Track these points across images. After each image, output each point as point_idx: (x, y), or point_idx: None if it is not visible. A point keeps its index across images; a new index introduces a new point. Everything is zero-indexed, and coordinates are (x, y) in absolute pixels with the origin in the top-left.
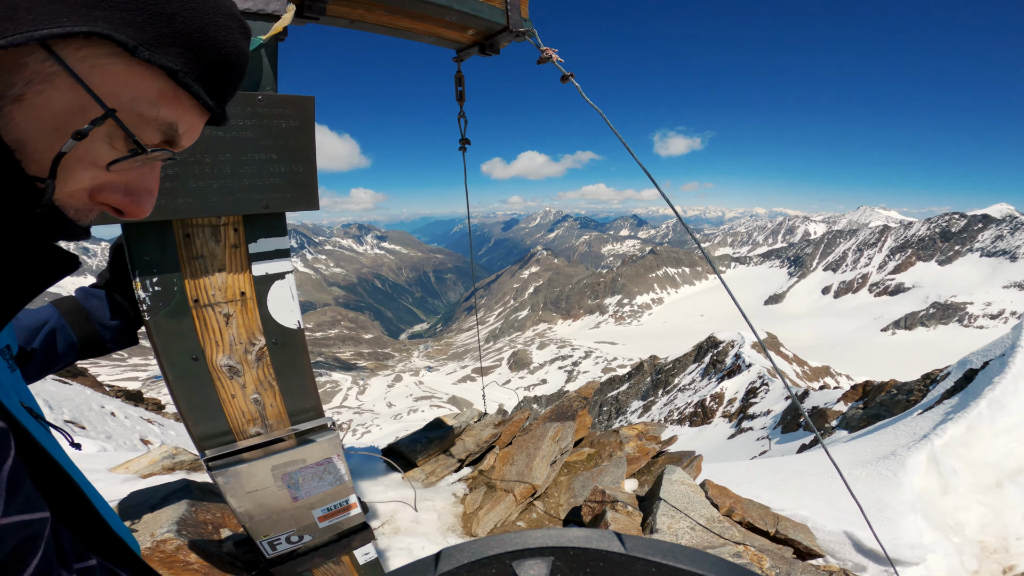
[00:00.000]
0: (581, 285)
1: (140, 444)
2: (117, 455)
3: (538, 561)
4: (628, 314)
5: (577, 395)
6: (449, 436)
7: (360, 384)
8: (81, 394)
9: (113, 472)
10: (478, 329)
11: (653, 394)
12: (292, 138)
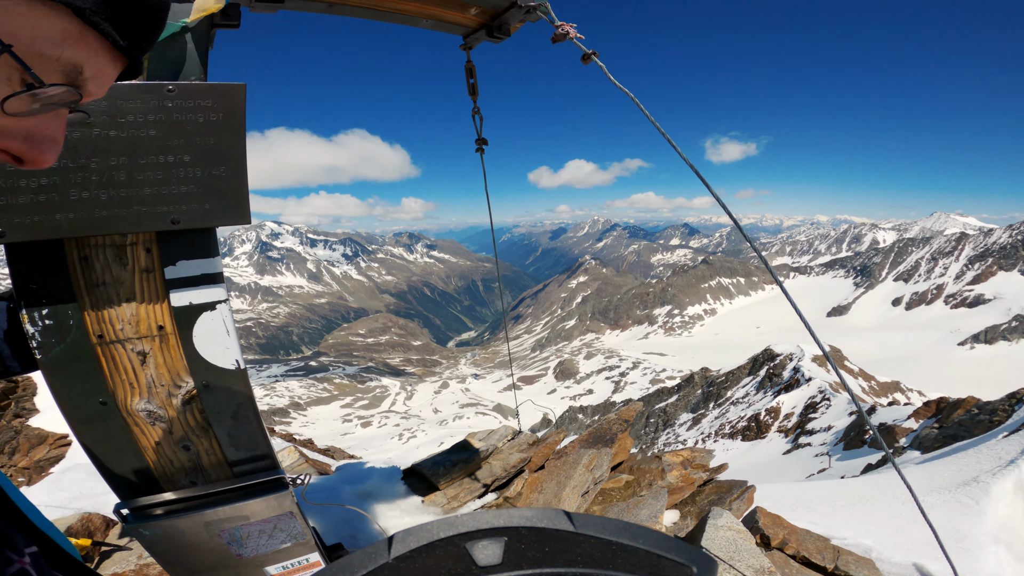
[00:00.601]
0: (630, 295)
1: None
2: None
3: (491, 541)
4: (678, 325)
5: (617, 418)
6: (475, 459)
7: (408, 390)
8: None
9: None
10: (508, 344)
11: (703, 407)
12: (213, 135)
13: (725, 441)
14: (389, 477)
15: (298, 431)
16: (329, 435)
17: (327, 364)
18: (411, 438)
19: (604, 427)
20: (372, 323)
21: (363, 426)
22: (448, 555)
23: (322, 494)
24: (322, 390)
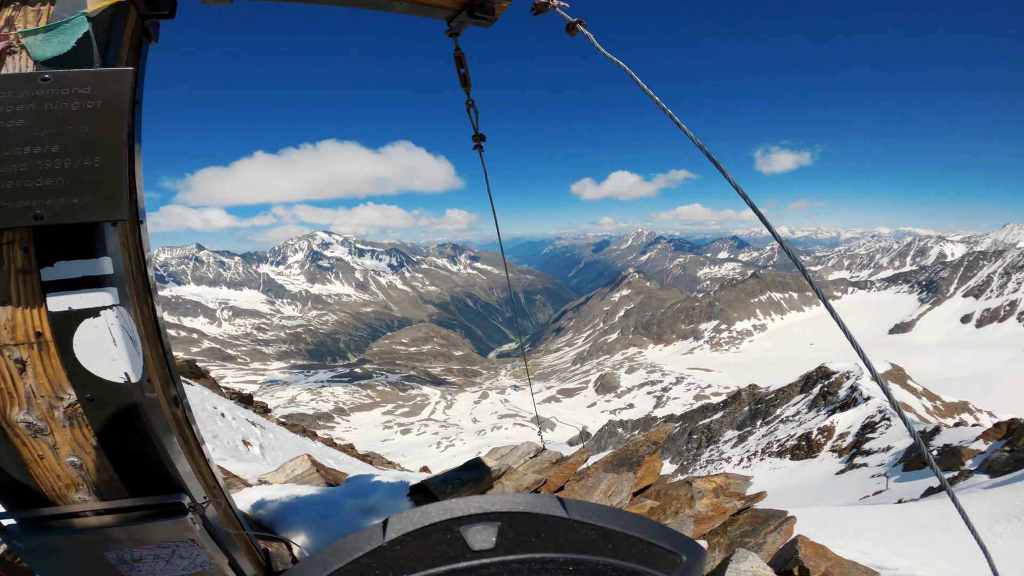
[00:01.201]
0: (675, 309)
1: (241, 445)
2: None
3: (485, 526)
4: (725, 340)
5: (646, 439)
6: (485, 479)
7: (448, 399)
8: (199, 394)
9: None
10: (525, 356)
11: (750, 424)
12: (88, 123)
13: (772, 460)
14: (395, 493)
15: (340, 436)
16: (370, 441)
17: (371, 371)
18: (449, 447)
19: (630, 449)
20: (415, 332)
21: (403, 433)
22: (442, 539)
23: (322, 507)
24: (365, 396)
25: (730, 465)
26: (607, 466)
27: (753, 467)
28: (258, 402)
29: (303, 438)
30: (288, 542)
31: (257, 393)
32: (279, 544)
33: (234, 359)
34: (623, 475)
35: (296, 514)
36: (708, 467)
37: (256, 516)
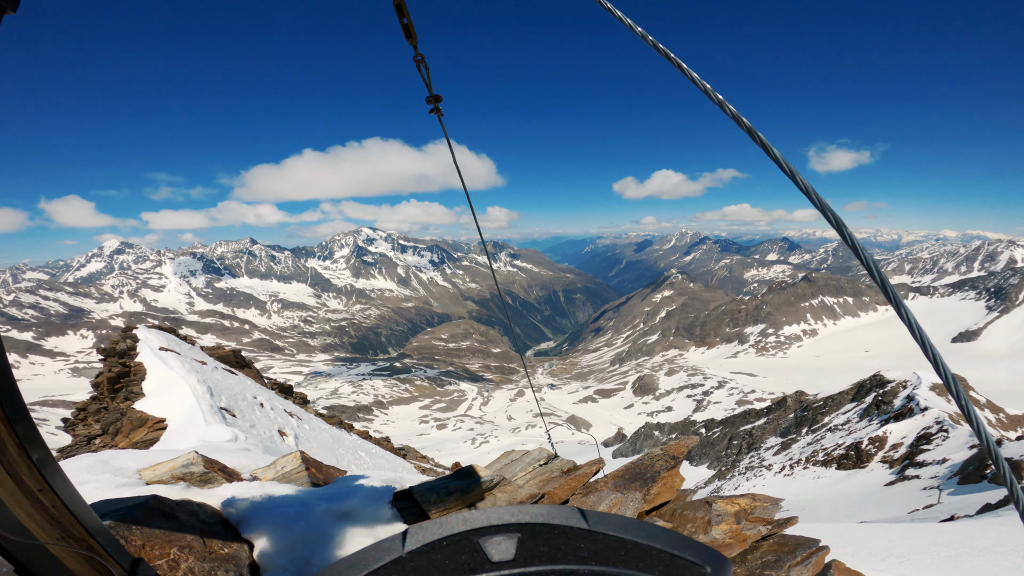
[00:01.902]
0: (719, 311)
1: (276, 436)
2: (145, 457)
3: (505, 537)
4: (772, 345)
5: (664, 453)
6: (475, 490)
7: (484, 395)
8: (242, 384)
9: (143, 471)
10: (527, 372)
11: (795, 432)
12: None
13: (816, 468)
14: (377, 498)
15: (378, 428)
16: (406, 434)
17: (410, 366)
18: (483, 443)
19: (645, 463)
20: (454, 328)
21: (438, 428)
22: (461, 550)
23: (292, 509)
24: (404, 391)
25: (770, 472)
26: (617, 480)
27: (795, 475)
28: (298, 393)
29: (339, 430)
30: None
31: (301, 384)
32: (239, 545)
33: (281, 350)
34: (629, 494)
35: (263, 515)
36: (747, 473)
37: (225, 514)
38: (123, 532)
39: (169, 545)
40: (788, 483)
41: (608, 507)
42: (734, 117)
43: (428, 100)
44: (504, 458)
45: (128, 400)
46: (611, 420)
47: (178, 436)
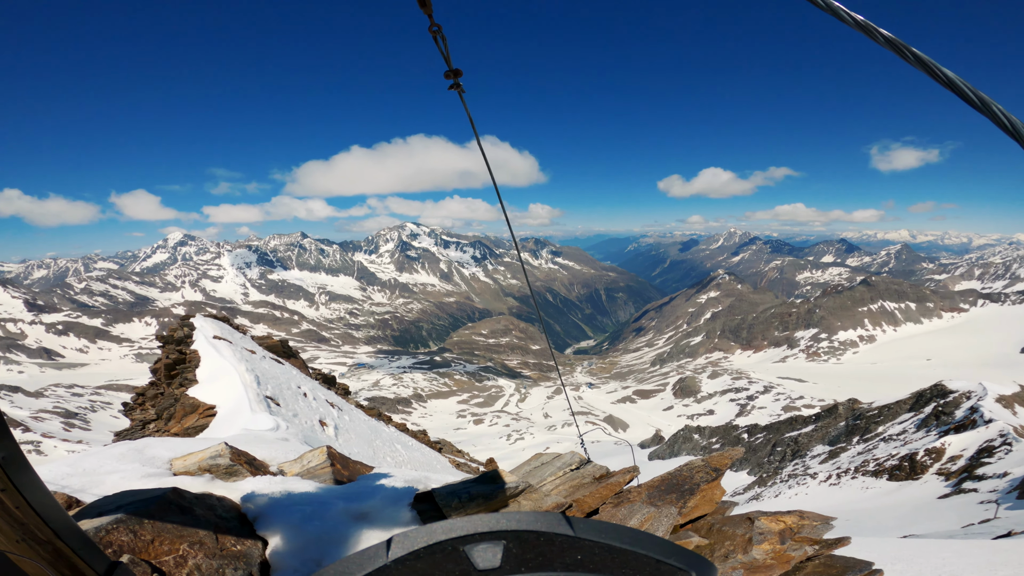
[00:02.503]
0: (768, 314)
1: (317, 425)
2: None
3: (490, 545)
4: (825, 350)
5: (705, 465)
6: (498, 496)
7: (522, 392)
8: (287, 374)
9: (174, 461)
10: (558, 371)
11: (845, 440)
12: None
13: (865, 479)
14: (396, 500)
15: (416, 421)
16: (443, 428)
17: (450, 360)
18: (519, 439)
19: (684, 474)
20: (494, 324)
21: (475, 423)
22: (447, 558)
23: (309, 508)
24: (442, 385)
25: (815, 481)
26: (652, 491)
27: (842, 485)
28: (340, 384)
29: (377, 422)
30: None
31: (345, 375)
32: (252, 543)
33: (327, 341)
34: (663, 509)
35: (280, 512)
36: (789, 481)
37: (244, 509)
38: (133, 527)
39: (179, 541)
40: (833, 492)
41: (639, 522)
42: None
43: (447, 75)
44: (534, 460)
45: (183, 387)
46: (649, 421)
47: (226, 423)
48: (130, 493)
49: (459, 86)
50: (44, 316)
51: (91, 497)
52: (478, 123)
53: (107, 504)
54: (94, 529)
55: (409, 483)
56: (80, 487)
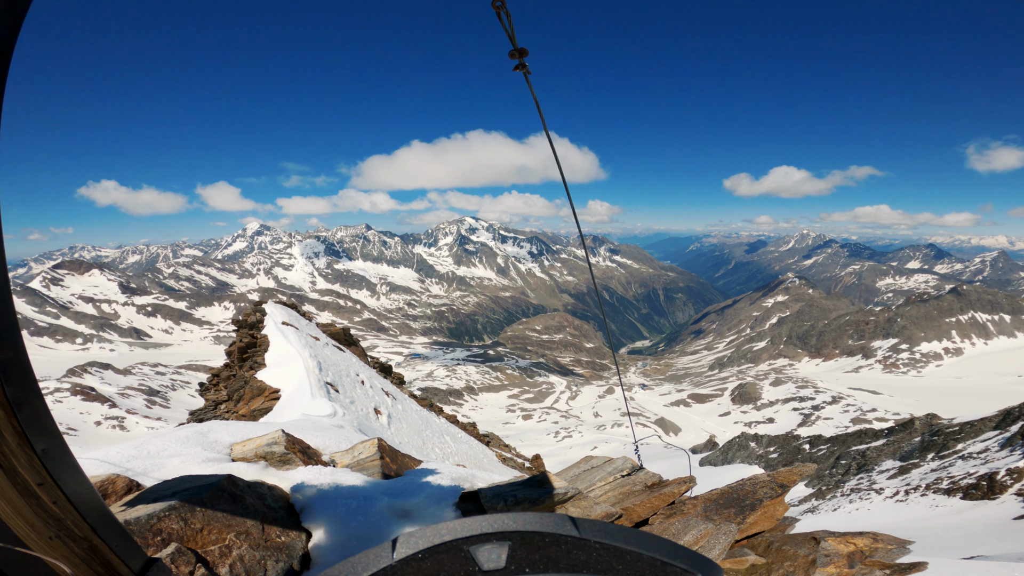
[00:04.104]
0: (842, 321)
1: (372, 413)
2: (241, 431)
3: (496, 545)
4: (904, 362)
5: (771, 480)
6: (545, 501)
7: (573, 390)
8: (347, 361)
9: (234, 446)
10: (619, 374)
11: (919, 456)
12: None
13: (936, 496)
14: (441, 498)
15: (466, 413)
16: (492, 422)
17: (503, 355)
18: (566, 437)
19: (746, 488)
20: (549, 320)
21: (524, 418)
22: (452, 558)
23: (354, 502)
24: (494, 378)
25: (880, 497)
26: (709, 504)
27: (910, 502)
28: (396, 373)
29: (429, 412)
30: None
31: (400, 365)
32: (296, 534)
33: (386, 331)
34: (721, 526)
35: (326, 505)
36: (851, 495)
37: (292, 499)
38: (185, 514)
39: (227, 530)
40: (899, 509)
41: (694, 538)
42: None
43: (511, 55)
44: (584, 463)
45: (252, 369)
46: (703, 426)
47: (288, 407)
48: (187, 479)
49: (524, 66)
50: (136, 298)
51: (151, 480)
52: (536, 118)
53: (164, 490)
54: (147, 516)
55: (455, 481)
56: (143, 470)
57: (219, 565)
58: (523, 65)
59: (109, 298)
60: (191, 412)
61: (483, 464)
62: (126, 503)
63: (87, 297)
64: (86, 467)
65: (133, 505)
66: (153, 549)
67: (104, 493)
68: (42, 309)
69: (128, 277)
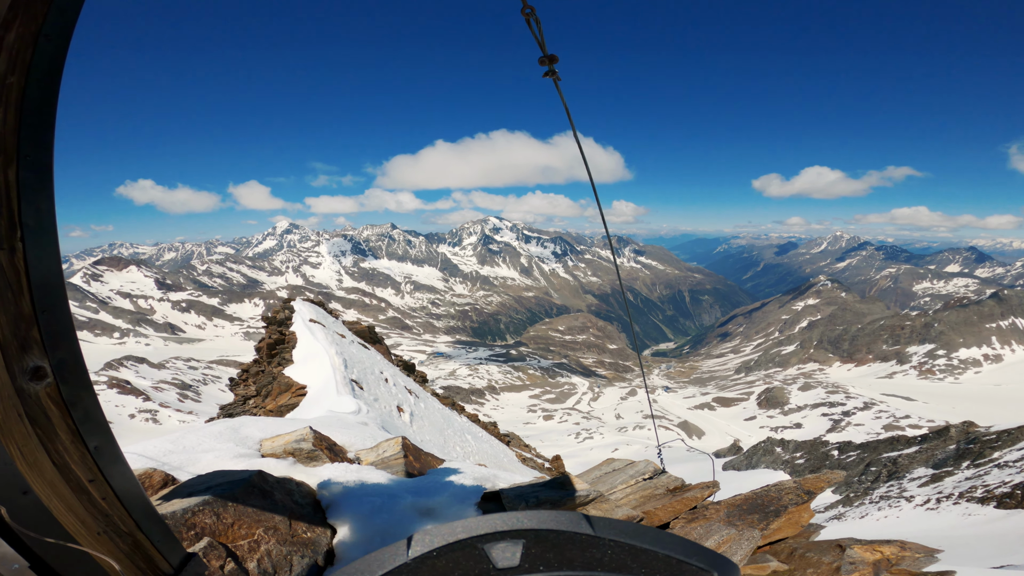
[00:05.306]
0: (876, 326)
1: (395, 411)
2: (271, 427)
3: (510, 543)
4: (941, 368)
5: (797, 487)
6: (567, 503)
7: (595, 391)
8: (372, 359)
9: (264, 442)
10: (643, 373)
11: (953, 464)
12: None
13: (969, 505)
14: (464, 498)
15: (488, 413)
16: (512, 421)
17: (525, 355)
18: (587, 438)
19: (772, 495)
20: (572, 321)
21: (545, 419)
22: (467, 556)
23: (379, 500)
24: (516, 378)
25: (910, 505)
26: (732, 510)
27: (941, 510)
28: (419, 371)
29: (450, 411)
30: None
31: (424, 363)
32: (322, 530)
33: (410, 329)
34: (744, 532)
35: (351, 502)
36: (880, 503)
37: (319, 496)
38: (217, 509)
39: (257, 525)
40: (929, 517)
41: (716, 543)
42: None
43: (541, 61)
44: (605, 465)
45: (280, 366)
46: (727, 430)
47: (314, 403)
48: (220, 474)
49: (554, 73)
50: (171, 294)
51: (186, 475)
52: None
53: (198, 484)
54: (182, 510)
55: (477, 481)
56: (178, 464)
57: (247, 559)
58: (553, 72)
59: (146, 294)
60: (221, 407)
61: (503, 464)
62: (162, 497)
63: (125, 293)
64: None
65: (169, 499)
66: (187, 543)
67: (144, 485)
68: (83, 304)
69: (164, 274)
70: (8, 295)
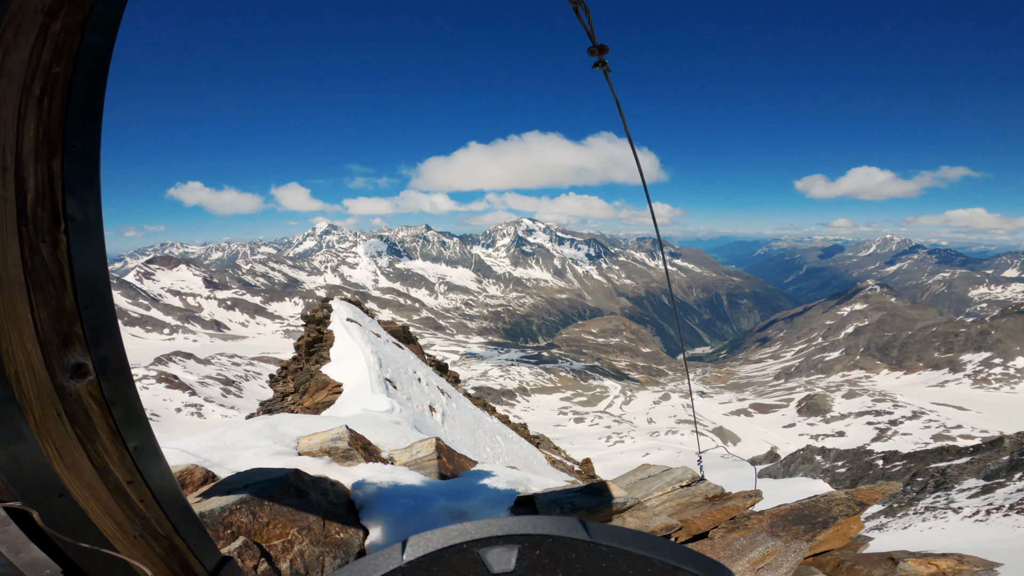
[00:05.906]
0: (928, 332)
1: (427, 410)
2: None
3: (505, 548)
4: (997, 377)
5: (848, 498)
6: (603, 511)
7: (627, 395)
8: (406, 358)
9: (300, 440)
10: (688, 379)
11: (1006, 476)
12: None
13: (1020, 517)
14: (497, 502)
15: (518, 414)
16: (543, 423)
17: (557, 356)
18: (618, 442)
19: (820, 505)
20: (605, 323)
21: (576, 421)
22: (462, 560)
23: (412, 502)
24: (548, 380)
25: (958, 517)
26: (776, 520)
27: (990, 522)
28: (451, 372)
29: (482, 412)
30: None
31: (456, 364)
32: (355, 531)
33: (443, 329)
34: (791, 544)
35: (384, 504)
36: (925, 513)
37: (353, 496)
38: (254, 508)
39: (291, 525)
40: (977, 528)
41: (760, 556)
42: None
43: (591, 52)
44: (640, 471)
45: (318, 363)
46: (764, 437)
47: (349, 401)
48: (258, 472)
49: (604, 63)
50: (217, 292)
51: (226, 472)
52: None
53: (237, 482)
54: (219, 509)
55: (511, 484)
56: (219, 461)
57: (280, 560)
58: (603, 62)
59: (194, 292)
60: (261, 403)
61: (533, 466)
62: (202, 494)
63: (175, 290)
64: (168, 457)
65: (208, 496)
66: (223, 542)
67: (182, 483)
68: (135, 301)
69: (211, 272)
70: (50, 289)
